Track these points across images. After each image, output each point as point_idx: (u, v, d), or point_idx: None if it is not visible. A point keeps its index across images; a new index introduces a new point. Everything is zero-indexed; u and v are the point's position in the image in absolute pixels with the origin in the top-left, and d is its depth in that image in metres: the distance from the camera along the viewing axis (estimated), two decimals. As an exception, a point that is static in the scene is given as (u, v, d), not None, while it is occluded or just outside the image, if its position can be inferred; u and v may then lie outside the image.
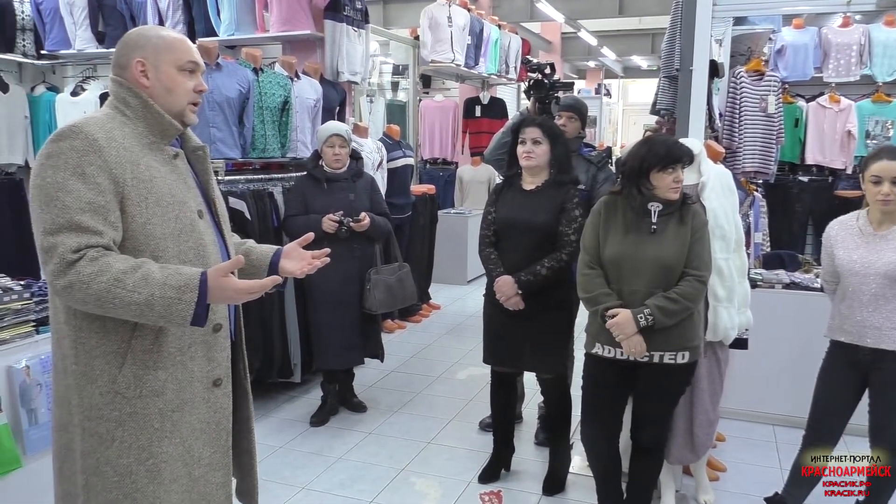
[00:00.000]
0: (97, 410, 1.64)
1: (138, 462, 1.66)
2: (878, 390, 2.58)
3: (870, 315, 2.54)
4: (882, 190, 2.46)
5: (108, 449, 1.64)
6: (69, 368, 1.65)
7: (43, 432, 2.65)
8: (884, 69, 5.44)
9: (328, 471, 3.36)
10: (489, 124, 7.83)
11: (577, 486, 3.19)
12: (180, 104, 1.72)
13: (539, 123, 2.94)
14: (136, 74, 1.68)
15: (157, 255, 1.62)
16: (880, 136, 5.32)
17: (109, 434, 1.64)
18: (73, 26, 5.56)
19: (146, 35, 1.72)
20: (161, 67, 1.69)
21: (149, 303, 1.50)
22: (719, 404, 2.94)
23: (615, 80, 20.21)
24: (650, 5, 11.27)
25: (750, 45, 4.49)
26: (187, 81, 1.72)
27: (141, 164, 1.63)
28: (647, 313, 2.39)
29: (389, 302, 3.90)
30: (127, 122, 1.66)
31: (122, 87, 1.69)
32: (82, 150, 1.55)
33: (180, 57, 1.71)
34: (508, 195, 3.06)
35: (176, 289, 1.51)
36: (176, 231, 1.65)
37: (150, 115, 1.68)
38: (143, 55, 1.68)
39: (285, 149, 4.40)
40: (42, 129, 5.53)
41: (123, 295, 1.50)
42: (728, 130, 4.33)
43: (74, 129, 1.58)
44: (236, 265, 1.58)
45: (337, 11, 4.83)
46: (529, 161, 2.94)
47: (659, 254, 2.45)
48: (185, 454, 1.72)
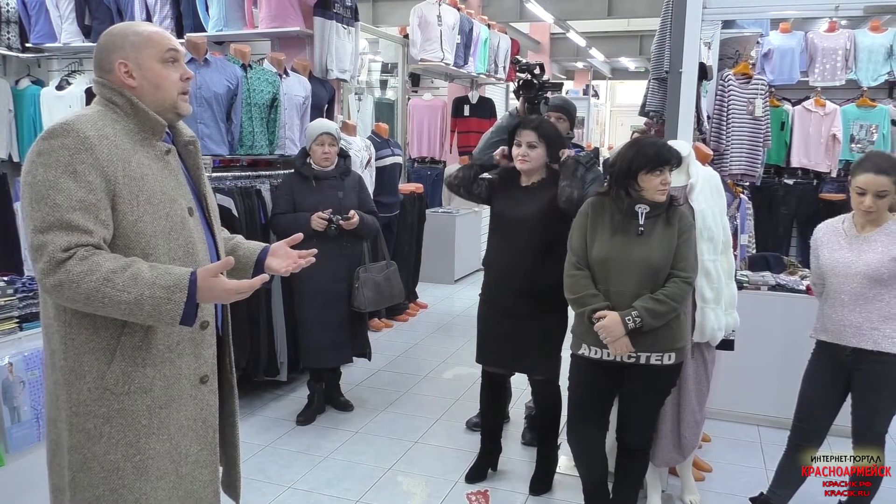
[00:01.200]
0: (85, 406, 1.63)
1: (125, 458, 1.65)
2: (859, 391, 2.62)
3: (849, 314, 2.57)
4: (865, 202, 2.51)
5: (95, 445, 1.64)
6: (58, 364, 1.65)
7: (26, 430, 2.62)
8: (868, 74, 5.50)
9: (314, 469, 3.34)
10: (478, 124, 7.82)
11: (563, 486, 3.19)
12: (171, 97, 1.72)
13: (535, 127, 2.93)
14: (121, 76, 1.67)
15: (148, 252, 1.61)
16: (865, 141, 5.37)
17: (97, 430, 1.64)
18: (58, 19, 5.49)
19: (122, 34, 1.70)
20: (144, 64, 1.68)
21: (138, 302, 1.50)
22: (705, 405, 2.96)
23: (603, 81, 20.29)
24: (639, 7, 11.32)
25: (738, 48, 4.53)
26: (172, 73, 1.72)
27: (132, 161, 1.62)
28: (635, 315, 2.40)
29: (378, 300, 3.89)
30: (118, 120, 1.66)
31: (106, 87, 1.68)
32: (73, 148, 1.54)
33: (160, 49, 1.70)
34: (507, 187, 3.05)
35: (165, 289, 1.51)
36: (166, 229, 1.65)
37: (138, 113, 1.67)
38: (123, 56, 1.67)
39: (273, 146, 4.38)
40: (27, 123, 5.45)
41: (113, 294, 1.50)
42: (716, 133, 4.36)
43: (66, 126, 1.57)
44: (226, 266, 1.58)
45: (326, 9, 4.81)
46: (524, 165, 2.94)
47: (646, 255, 2.46)
48: (172, 451, 1.72)
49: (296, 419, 3.87)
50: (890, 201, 2.51)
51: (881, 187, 2.47)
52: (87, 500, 1.67)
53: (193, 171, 1.83)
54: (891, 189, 2.48)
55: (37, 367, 2.66)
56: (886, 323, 2.52)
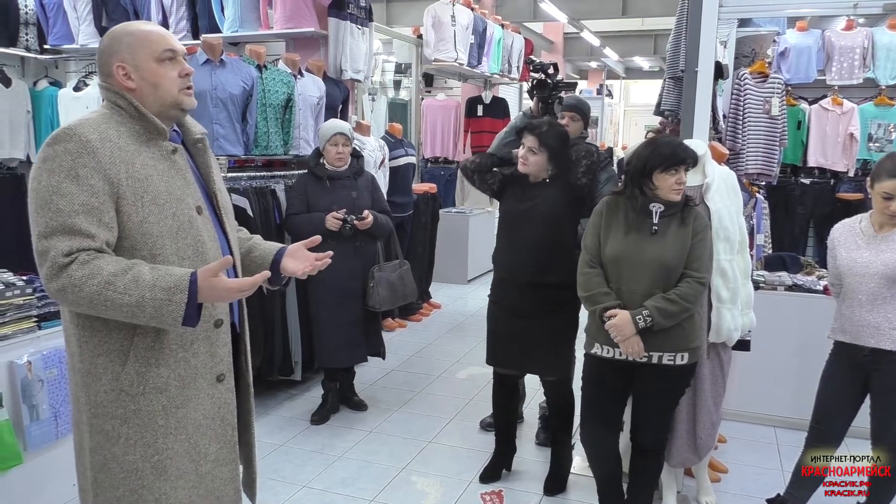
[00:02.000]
0: (103, 408, 1.65)
1: (144, 459, 1.66)
2: (878, 393, 2.59)
3: (867, 314, 2.55)
4: (892, 207, 2.48)
5: (114, 446, 1.66)
6: (76, 367, 1.67)
7: (44, 428, 2.65)
8: (887, 73, 5.43)
9: (329, 469, 3.35)
10: (491, 124, 7.82)
11: (578, 486, 3.18)
12: (171, 94, 1.70)
13: (538, 133, 2.91)
14: (120, 79, 1.67)
15: (155, 253, 1.62)
16: (882, 140, 5.31)
17: (115, 431, 1.65)
18: (76, 21, 5.54)
19: (117, 37, 1.70)
20: (141, 65, 1.67)
21: (140, 304, 1.51)
22: (721, 406, 2.94)
23: (617, 80, 20.20)
24: (653, 6, 11.26)
25: (754, 46, 4.49)
26: (170, 71, 1.70)
27: (136, 162, 1.62)
28: (646, 314, 2.39)
29: (392, 299, 3.91)
30: (123, 122, 1.66)
31: (110, 90, 1.69)
32: (76, 152, 1.55)
33: (156, 48, 1.69)
34: (515, 186, 3.06)
35: (166, 290, 1.51)
36: (173, 229, 1.65)
37: (142, 116, 1.67)
38: (120, 59, 1.67)
39: (288, 146, 4.40)
40: (44, 123, 5.51)
41: (115, 297, 1.50)
42: (731, 132, 4.32)
43: (68, 131, 1.58)
44: (225, 265, 1.57)
45: (341, 9, 4.83)
46: (523, 168, 2.96)
47: (659, 254, 2.45)
48: (190, 450, 1.73)
49: (310, 418, 3.89)
50: None
51: None
52: (109, 500, 1.68)
53: (203, 169, 1.82)
54: None
55: (55, 366, 2.69)
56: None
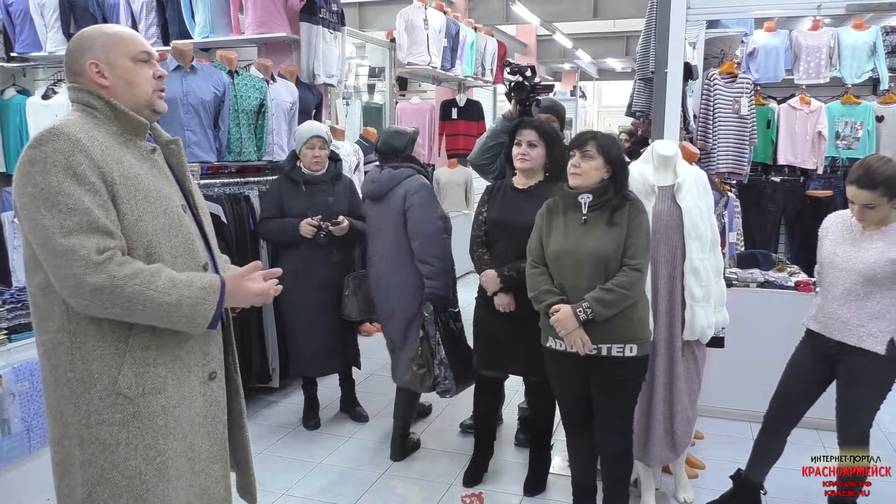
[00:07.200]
0: (97, 416, 1.60)
1: (146, 462, 1.63)
2: (843, 383, 2.63)
3: (839, 308, 2.59)
4: (854, 211, 2.54)
5: (112, 454, 1.61)
6: (62, 378, 1.61)
7: (16, 443, 2.60)
8: (852, 71, 5.54)
9: (308, 476, 3.33)
10: (466, 126, 7.85)
11: (557, 486, 3.20)
12: (146, 94, 1.70)
13: (536, 126, 2.94)
14: (92, 77, 1.65)
15: (150, 251, 1.61)
16: (850, 137, 5.41)
17: (113, 438, 1.61)
18: (43, 28, 5.47)
19: (91, 36, 1.69)
20: (116, 63, 1.66)
21: (178, 304, 1.54)
22: (697, 402, 2.97)
23: (590, 82, 20.33)
24: (624, 8, 11.35)
25: (723, 47, 4.55)
26: (146, 70, 1.70)
27: (124, 161, 1.61)
28: (586, 307, 2.43)
29: (368, 308, 3.77)
30: (99, 124, 1.63)
31: (82, 91, 1.66)
32: (67, 151, 1.52)
33: (132, 48, 1.69)
34: (499, 195, 3.06)
35: (201, 290, 1.57)
36: (166, 226, 1.65)
37: (118, 114, 1.65)
38: (94, 56, 1.65)
39: (261, 152, 4.37)
40: (12, 133, 5.42)
41: (155, 297, 1.52)
42: (702, 132, 4.38)
43: (54, 131, 1.54)
44: (256, 269, 1.67)
45: (312, 14, 4.81)
46: (524, 163, 2.94)
47: (596, 248, 2.48)
48: (187, 449, 1.72)
49: (304, 425, 3.86)
50: (884, 212, 2.48)
51: (866, 200, 2.46)
52: None
53: (178, 169, 1.82)
54: (878, 201, 2.45)
55: (26, 379, 2.64)
56: (874, 321, 2.53)
